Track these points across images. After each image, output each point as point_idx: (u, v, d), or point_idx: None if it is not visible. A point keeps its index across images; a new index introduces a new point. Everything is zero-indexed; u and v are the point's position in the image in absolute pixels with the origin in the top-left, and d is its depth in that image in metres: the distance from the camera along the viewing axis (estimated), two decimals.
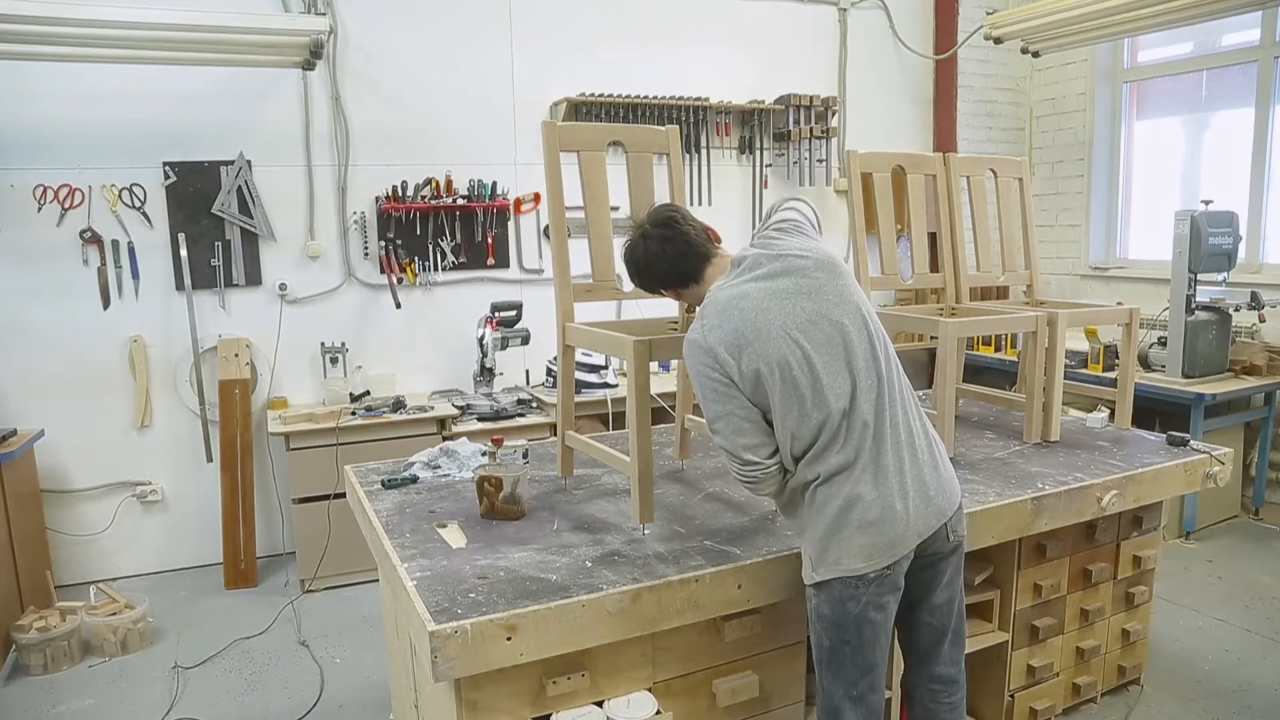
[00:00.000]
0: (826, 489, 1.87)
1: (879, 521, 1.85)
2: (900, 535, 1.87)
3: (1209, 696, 3.05)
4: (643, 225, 2.08)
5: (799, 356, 1.84)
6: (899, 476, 1.88)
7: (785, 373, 1.84)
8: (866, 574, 1.86)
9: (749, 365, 1.85)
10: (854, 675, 1.93)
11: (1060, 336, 2.90)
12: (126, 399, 4.22)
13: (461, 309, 4.66)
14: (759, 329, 1.85)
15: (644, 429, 2.09)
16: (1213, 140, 5.26)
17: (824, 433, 1.86)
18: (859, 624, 1.89)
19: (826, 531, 1.87)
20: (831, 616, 1.91)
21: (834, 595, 1.89)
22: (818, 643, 1.96)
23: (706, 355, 1.88)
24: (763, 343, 1.84)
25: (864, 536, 1.85)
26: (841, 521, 1.85)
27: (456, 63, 4.58)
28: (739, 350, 1.85)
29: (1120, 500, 2.64)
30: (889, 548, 1.87)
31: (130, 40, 3.62)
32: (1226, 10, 4.39)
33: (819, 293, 1.89)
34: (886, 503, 1.86)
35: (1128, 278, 5.54)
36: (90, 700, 3.20)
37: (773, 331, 1.85)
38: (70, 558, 4.18)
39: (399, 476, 2.67)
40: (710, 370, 1.88)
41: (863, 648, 1.91)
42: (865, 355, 1.89)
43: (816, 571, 1.90)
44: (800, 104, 5.21)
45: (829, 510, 1.86)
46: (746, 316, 1.87)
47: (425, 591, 1.87)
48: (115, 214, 4.08)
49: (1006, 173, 3.27)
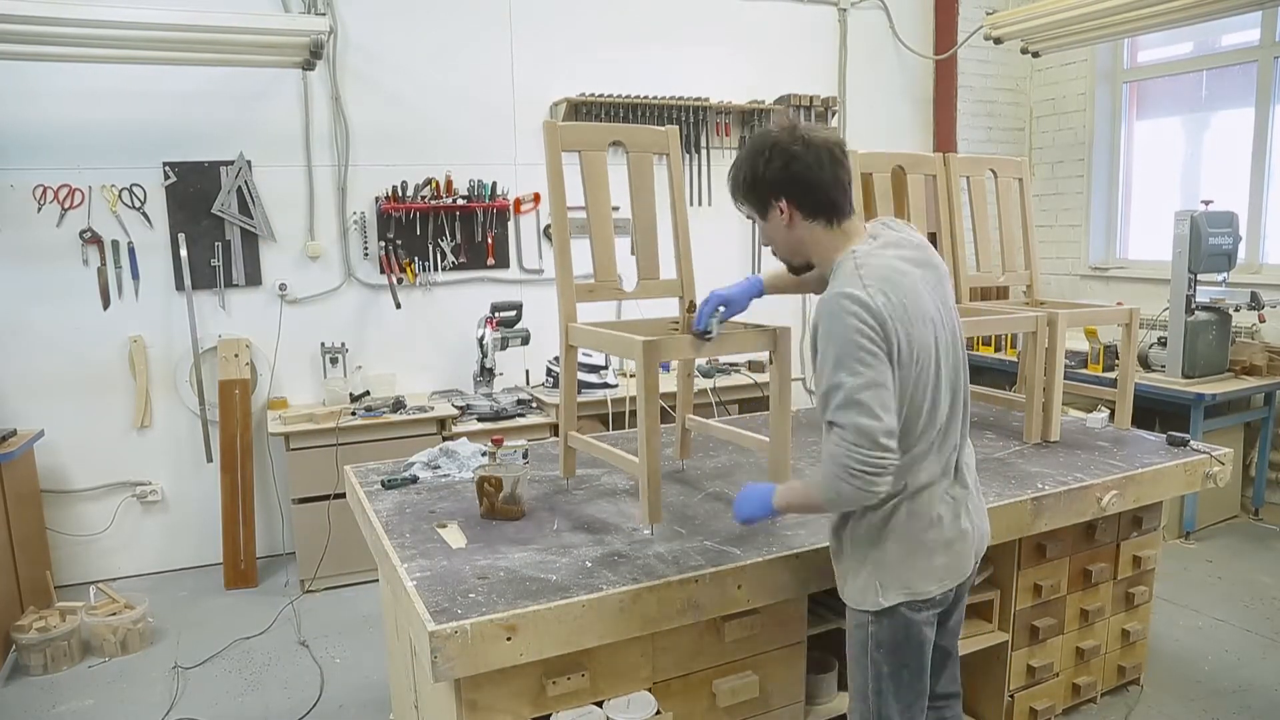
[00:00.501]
0: (911, 505, 1.76)
1: (954, 542, 1.79)
2: (967, 556, 1.83)
3: (1209, 696, 3.05)
4: (803, 130, 1.74)
5: (933, 356, 1.71)
6: (968, 496, 1.84)
7: (926, 367, 1.68)
8: (934, 597, 1.79)
9: (907, 344, 1.64)
10: (910, 698, 1.87)
11: (1060, 336, 2.90)
12: (126, 399, 4.22)
13: (461, 309, 4.66)
14: (916, 310, 1.67)
15: (654, 430, 2.07)
16: (1213, 140, 5.26)
17: (923, 441, 1.74)
18: (920, 647, 1.83)
19: (905, 552, 1.76)
20: (891, 643, 1.81)
21: (899, 621, 1.79)
22: (875, 673, 1.84)
23: (871, 314, 1.60)
24: (918, 327, 1.67)
25: (940, 558, 1.78)
26: (922, 541, 1.77)
27: (456, 63, 4.58)
28: (901, 324, 1.64)
29: (1120, 500, 2.64)
30: (958, 569, 1.82)
31: (130, 40, 3.62)
32: (1226, 10, 4.39)
33: (946, 295, 1.82)
34: (961, 523, 1.81)
35: (1128, 278, 5.54)
36: (90, 700, 3.20)
37: (925, 319, 1.70)
38: (70, 558, 4.18)
39: (399, 477, 2.67)
40: (868, 329, 1.60)
41: (921, 671, 1.86)
42: (964, 367, 1.84)
43: (885, 596, 1.77)
44: (800, 104, 5.21)
45: (912, 529, 1.76)
46: (908, 294, 1.67)
47: (425, 591, 1.87)
48: (115, 214, 4.08)
49: (1006, 173, 3.27)
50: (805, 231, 1.78)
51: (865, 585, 1.81)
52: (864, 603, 1.82)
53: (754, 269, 5.38)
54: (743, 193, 1.81)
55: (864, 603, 1.82)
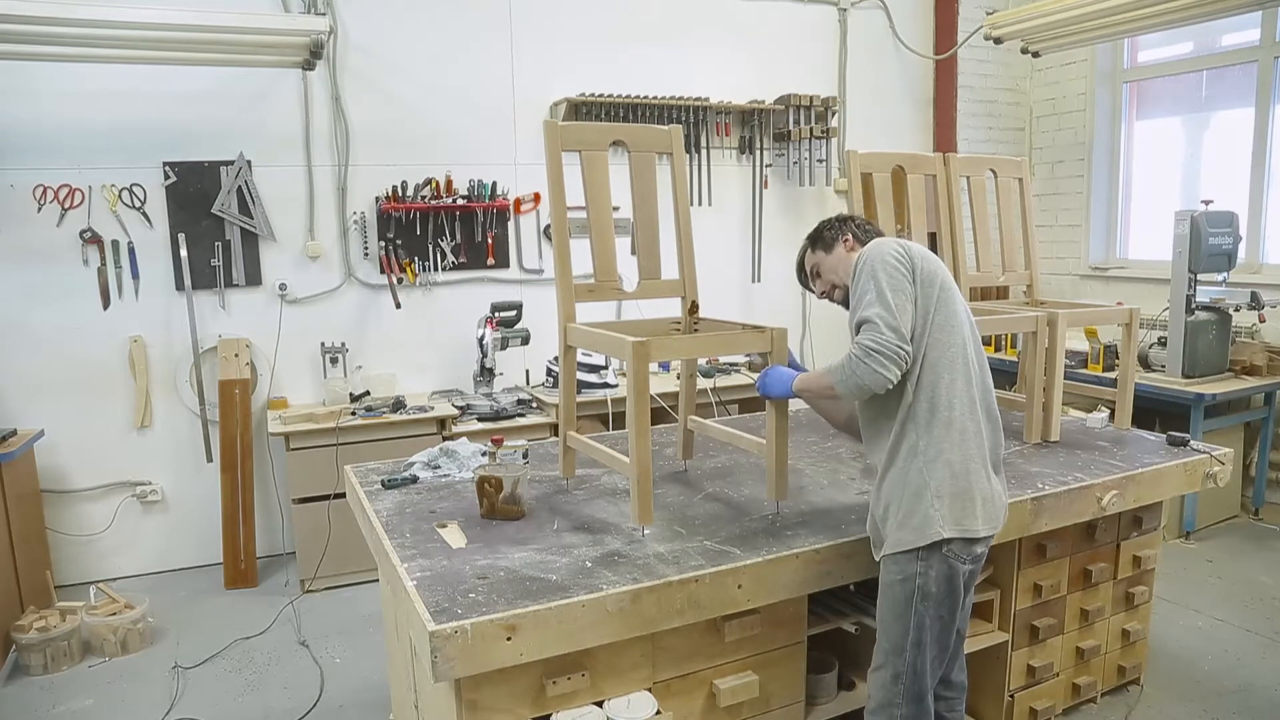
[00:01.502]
0: (959, 451, 1.94)
1: (989, 498, 1.98)
2: (998, 513, 2.00)
3: (1209, 696, 3.05)
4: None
5: (960, 315, 2.00)
6: (1000, 464, 2.07)
7: (955, 305, 1.98)
8: (978, 542, 1.94)
9: (929, 277, 1.97)
10: (937, 650, 2.00)
11: (1060, 336, 2.90)
12: (126, 399, 4.22)
13: (461, 309, 4.66)
14: (943, 270, 2.02)
15: (643, 430, 2.08)
16: (1213, 140, 5.26)
17: (962, 381, 1.97)
18: (957, 599, 1.97)
19: (958, 490, 1.93)
20: (936, 593, 1.95)
21: (944, 568, 1.93)
22: (916, 624, 1.97)
23: (902, 251, 1.98)
24: (944, 275, 2.01)
25: (983, 503, 1.96)
26: (968, 485, 1.94)
27: (456, 63, 4.58)
28: (925, 263, 1.98)
29: (1120, 500, 2.64)
30: (993, 520, 1.98)
31: (130, 40, 3.62)
32: (1226, 10, 4.39)
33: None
34: (993, 479, 2.02)
35: (1128, 278, 5.54)
36: (90, 700, 3.20)
37: (950, 282, 2.03)
38: (70, 558, 4.18)
39: (399, 476, 2.67)
40: (899, 260, 1.96)
41: (951, 624, 2.00)
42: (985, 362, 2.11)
43: (945, 527, 1.91)
44: (800, 104, 5.21)
45: (959, 472, 1.94)
46: (930, 255, 2.03)
47: (425, 591, 1.87)
48: (115, 214, 4.08)
49: (1006, 173, 3.27)
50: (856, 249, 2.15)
51: (923, 520, 1.93)
52: (920, 539, 1.93)
53: (753, 271, 5.38)
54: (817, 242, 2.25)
55: (920, 539, 1.93)
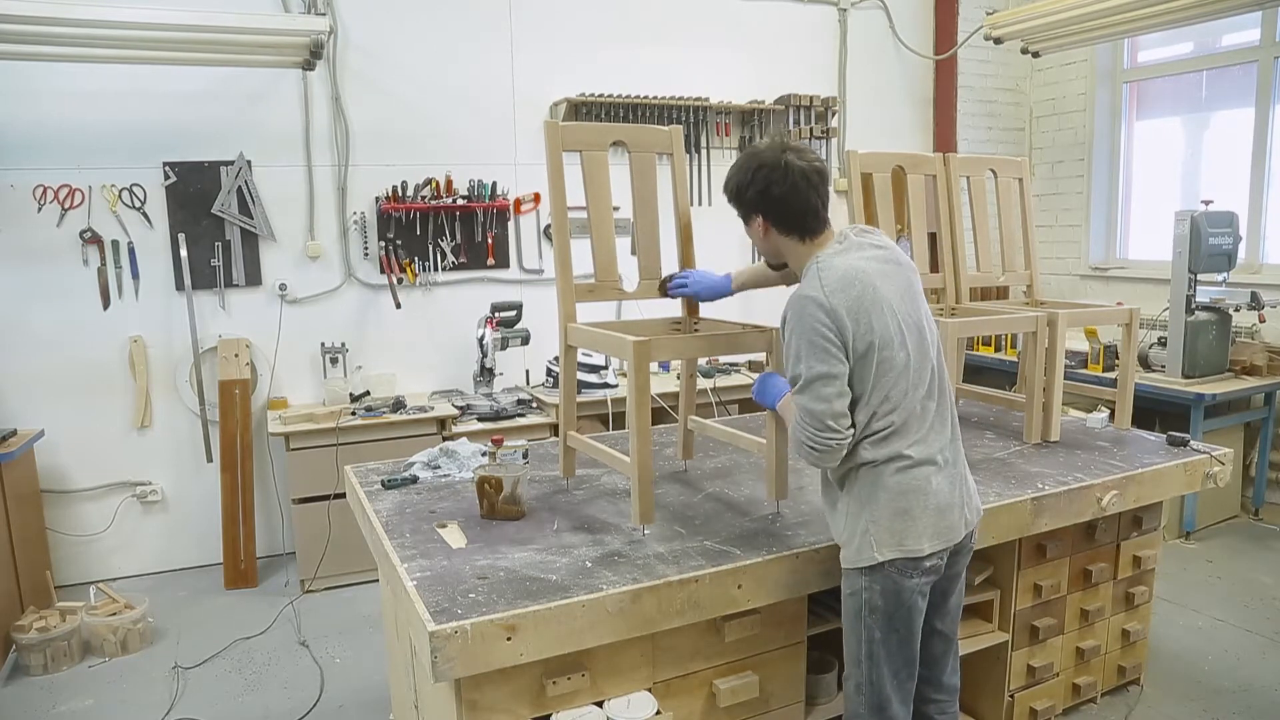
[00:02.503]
0: (901, 473, 1.90)
1: (945, 508, 1.94)
2: (956, 524, 1.96)
3: (1209, 696, 3.05)
4: (788, 151, 1.95)
5: (899, 340, 1.90)
6: (956, 468, 2.00)
7: (886, 351, 1.88)
8: (925, 559, 1.91)
9: (863, 339, 1.87)
10: (898, 665, 1.98)
11: (1060, 336, 2.90)
12: (126, 399, 4.22)
13: (461, 309, 4.66)
14: (876, 305, 1.89)
15: (644, 430, 2.08)
16: (1213, 140, 5.26)
17: (900, 416, 1.90)
18: (910, 613, 1.94)
19: (897, 512, 1.90)
20: (884, 608, 1.93)
21: (889, 584, 1.92)
22: (867, 637, 1.96)
23: (827, 314, 1.86)
24: (877, 317, 1.88)
25: (932, 519, 1.91)
26: (912, 503, 1.90)
27: (457, 63, 4.58)
28: (857, 321, 1.86)
29: (1120, 500, 2.64)
30: (948, 533, 1.94)
31: (130, 40, 3.62)
32: (1226, 10, 4.39)
33: (911, 289, 2.00)
34: (949, 491, 1.95)
35: (1128, 278, 5.54)
36: (90, 700, 3.20)
37: (884, 309, 1.90)
38: (70, 558, 4.18)
39: (399, 477, 2.67)
40: (825, 329, 1.86)
41: (909, 637, 1.97)
42: (938, 354, 2.02)
43: (879, 552, 1.90)
44: (800, 104, 5.21)
45: (902, 492, 1.90)
46: (867, 291, 1.89)
47: (425, 591, 1.87)
48: (115, 214, 4.08)
49: (1006, 173, 3.27)
50: (780, 242, 2.03)
51: (861, 543, 1.93)
52: (860, 559, 1.93)
53: None
54: (731, 199, 2.06)
55: (860, 559, 1.93)
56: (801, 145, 2.01)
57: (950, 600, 2.10)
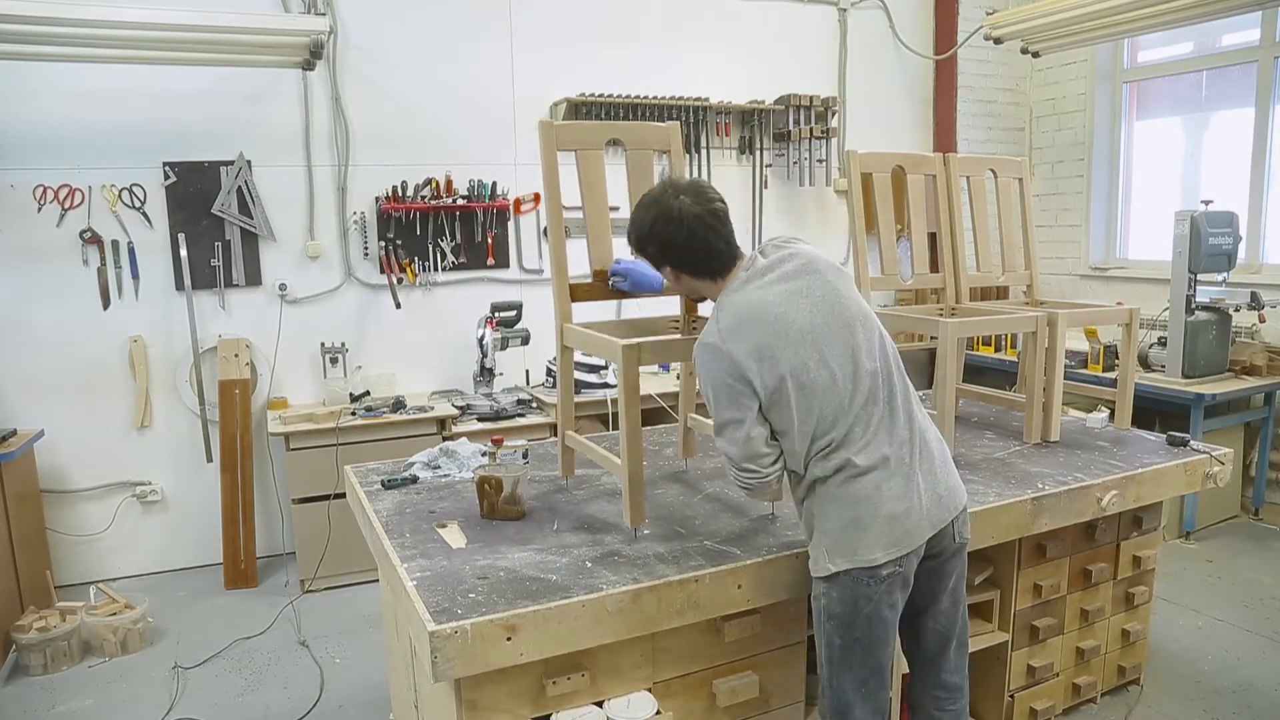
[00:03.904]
0: (848, 483, 1.88)
1: (899, 515, 1.89)
2: (915, 528, 1.91)
3: (1209, 696, 3.05)
4: (682, 197, 1.93)
5: (817, 359, 1.87)
6: (912, 471, 1.93)
7: (803, 377, 1.85)
8: (880, 568, 1.87)
9: (770, 374, 1.85)
10: (864, 673, 1.95)
11: (1060, 336, 2.90)
12: (126, 399, 4.22)
13: (461, 309, 4.66)
14: (779, 336, 1.86)
15: (634, 432, 2.08)
16: (1213, 140, 5.26)
17: (840, 430, 1.88)
18: (870, 622, 1.91)
19: (847, 523, 1.88)
20: (843, 615, 1.92)
21: (846, 592, 1.90)
22: (827, 641, 1.96)
23: (726, 361, 1.86)
24: (783, 348, 1.85)
25: (883, 528, 1.88)
26: (861, 512, 1.87)
27: (456, 63, 4.58)
28: (760, 360, 1.85)
29: (1120, 500, 2.64)
30: (905, 539, 1.90)
31: (130, 40, 3.62)
32: (1226, 10, 4.39)
33: (832, 294, 1.93)
34: (904, 496, 1.90)
35: (1128, 278, 5.54)
36: (90, 700, 3.20)
37: (791, 335, 1.86)
38: (70, 558, 4.18)
39: (399, 477, 2.67)
40: (727, 377, 1.86)
41: (873, 645, 1.94)
42: (878, 354, 1.95)
43: (832, 563, 1.89)
44: (800, 104, 5.21)
45: (850, 502, 1.88)
46: (767, 325, 1.86)
47: (425, 591, 1.87)
48: (115, 214, 4.08)
49: (1006, 173, 3.27)
50: (693, 284, 2.04)
51: (816, 554, 1.95)
52: (816, 569, 1.95)
53: None
54: (635, 249, 2.06)
55: (816, 569, 1.95)
56: (699, 184, 1.99)
57: (942, 600, 2.06)
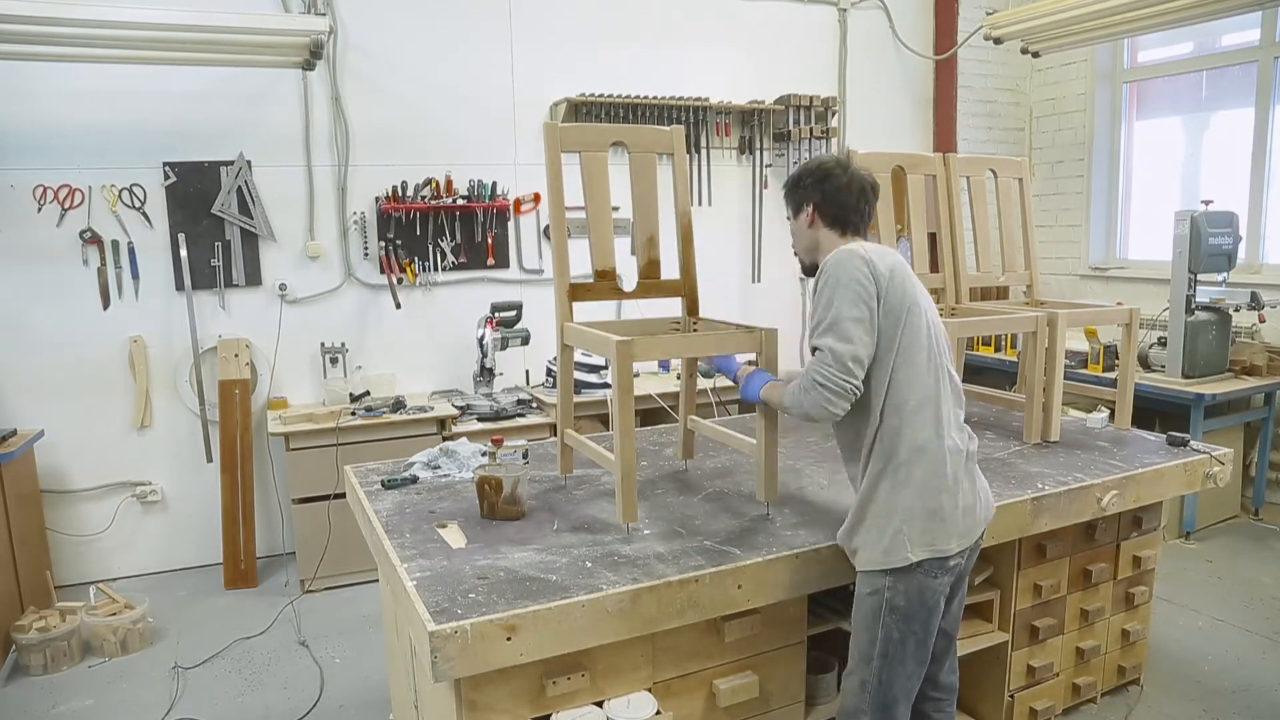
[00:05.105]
0: (928, 464, 1.92)
1: (969, 507, 1.97)
2: (977, 522, 1.99)
3: (1209, 696, 3.05)
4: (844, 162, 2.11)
5: (926, 327, 1.96)
6: (972, 466, 2.03)
7: (918, 316, 1.94)
8: (949, 557, 1.92)
9: (897, 294, 1.92)
10: (912, 667, 1.98)
11: (1060, 336, 2.90)
12: (126, 399, 4.22)
13: (461, 309, 4.66)
14: (908, 277, 1.98)
15: (627, 429, 2.08)
16: (1213, 140, 5.26)
17: (929, 395, 1.94)
18: (930, 614, 1.95)
19: (929, 512, 1.91)
20: (906, 608, 1.94)
21: (914, 584, 1.92)
22: (886, 636, 1.96)
23: (868, 267, 1.92)
24: (910, 285, 1.96)
25: (959, 519, 1.94)
26: (944, 502, 1.92)
27: (456, 63, 4.57)
28: (892, 280, 1.93)
29: (1120, 500, 2.64)
30: (970, 531, 1.97)
31: (130, 40, 3.62)
32: (1226, 10, 4.39)
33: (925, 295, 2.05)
34: (971, 490, 1.99)
35: (1128, 278, 5.54)
36: (90, 700, 3.20)
37: (916, 289, 1.98)
38: (70, 558, 4.18)
39: (399, 477, 2.67)
40: (864, 279, 1.91)
41: (926, 639, 1.98)
42: (949, 358, 2.06)
43: (913, 552, 1.90)
44: (800, 104, 5.21)
45: (932, 486, 1.92)
46: (899, 265, 1.98)
47: (425, 591, 1.87)
48: (115, 214, 4.08)
49: (1006, 173, 3.27)
50: (821, 234, 2.10)
51: (892, 543, 1.93)
52: (889, 561, 1.93)
53: (753, 271, 5.38)
54: (788, 190, 2.16)
55: (889, 561, 1.93)
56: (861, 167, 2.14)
57: (954, 602, 2.11)
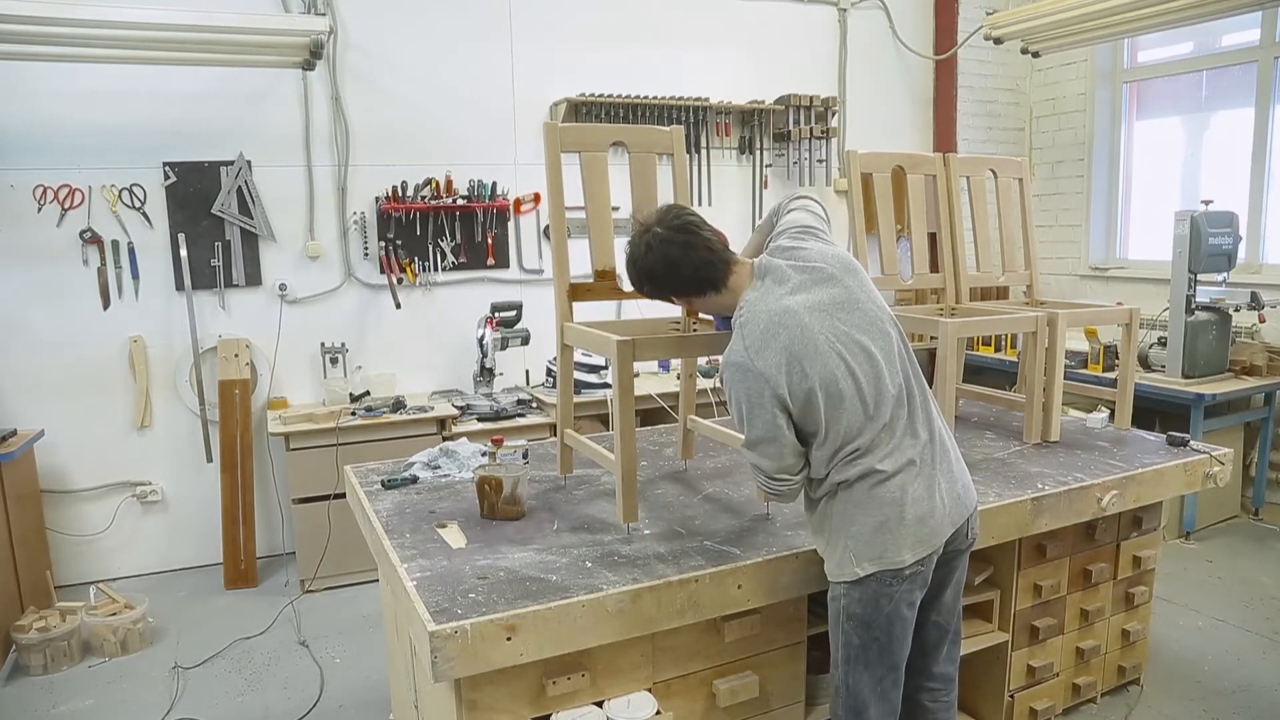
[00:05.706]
0: (875, 488, 1.89)
1: (924, 516, 1.91)
2: (939, 527, 1.94)
3: (1209, 696, 3.05)
4: (652, 229, 1.94)
5: (844, 369, 1.85)
6: (934, 471, 1.95)
7: (833, 387, 1.84)
8: (904, 568, 1.89)
9: (800, 387, 1.83)
10: (881, 671, 1.97)
11: (1060, 336, 2.90)
12: (126, 399, 4.22)
13: (461, 309, 4.66)
14: (806, 347, 1.84)
15: (628, 429, 2.08)
16: (1213, 140, 5.26)
17: (867, 436, 1.88)
18: (890, 621, 1.93)
19: (875, 527, 1.89)
20: (863, 615, 1.93)
21: (869, 593, 1.91)
22: (845, 642, 1.97)
23: (756, 379, 1.83)
24: (811, 361, 1.83)
25: (911, 530, 1.89)
26: (889, 516, 1.88)
27: (456, 63, 4.58)
28: (789, 372, 1.83)
29: (1120, 500, 2.64)
30: (930, 538, 1.92)
31: (130, 40, 3.62)
32: (1226, 10, 4.39)
33: (852, 302, 1.92)
34: (928, 497, 1.92)
35: (1128, 278, 5.54)
36: (90, 700, 3.20)
37: (820, 347, 1.84)
38: (70, 558, 4.18)
39: (399, 477, 2.67)
40: (758, 395, 1.84)
41: (891, 644, 1.96)
42: (901, 357, 1.96)
43: (860, 567, 1.89)
44: (800, 104, 5.21)
45: (876, 506, 1.89)
46: (794, 335, 1.84)
47: (425, 591, 1.87)
48: (115, 214, 4.08)
49: (1006, 173, 3.27)
50: (702, 304, 2.03)
51: (842, 559, 1.93)
52: (842, 575, 1.93)
53: None
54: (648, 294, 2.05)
55: (842, 575, 1.93)
56: (666, 209, 2.00)
57: (945, 594, 2.09)
